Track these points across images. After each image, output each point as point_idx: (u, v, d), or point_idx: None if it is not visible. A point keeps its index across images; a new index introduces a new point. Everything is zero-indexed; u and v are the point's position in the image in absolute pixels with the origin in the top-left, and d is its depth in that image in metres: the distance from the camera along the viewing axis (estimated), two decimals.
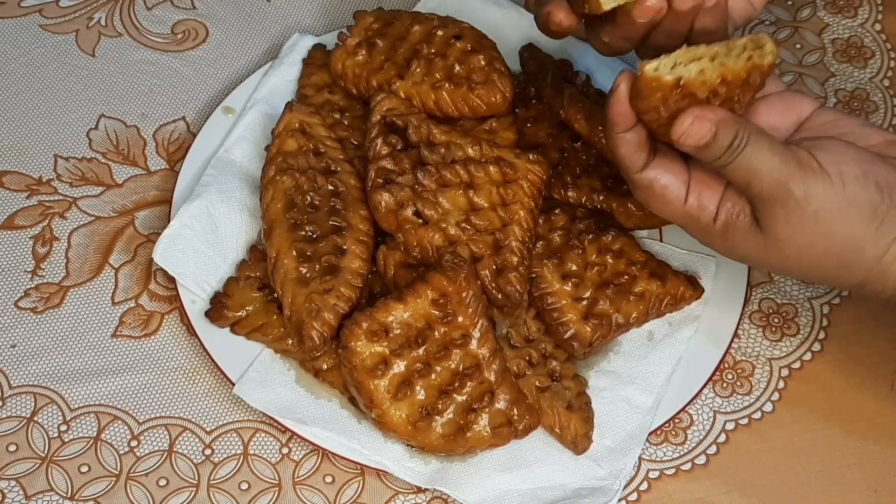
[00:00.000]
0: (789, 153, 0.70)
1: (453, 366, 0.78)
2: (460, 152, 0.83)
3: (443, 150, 0.83)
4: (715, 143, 0.70)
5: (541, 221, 0.84)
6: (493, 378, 0.78)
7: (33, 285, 0.87)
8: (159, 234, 0.85)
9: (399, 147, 0.84)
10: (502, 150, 0.84)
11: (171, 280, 0.85)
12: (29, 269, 0.87)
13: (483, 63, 0.88)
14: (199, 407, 0.82)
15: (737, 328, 0.84)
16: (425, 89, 0.87)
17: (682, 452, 0.82)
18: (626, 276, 0.83)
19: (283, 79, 0.93)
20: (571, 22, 0.74)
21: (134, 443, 0.81)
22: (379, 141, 0.84)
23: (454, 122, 0.88)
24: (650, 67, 0.68)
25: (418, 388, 0.77)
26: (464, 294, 0.78)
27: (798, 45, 1.00)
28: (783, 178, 0.69)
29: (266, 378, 0.81)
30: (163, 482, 0.80)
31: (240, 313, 0.82)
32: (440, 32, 0.89)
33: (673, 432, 0.83)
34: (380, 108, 0.86)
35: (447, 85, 0.87)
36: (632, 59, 0.83)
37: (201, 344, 0.82)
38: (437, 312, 0.78)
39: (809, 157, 0.70)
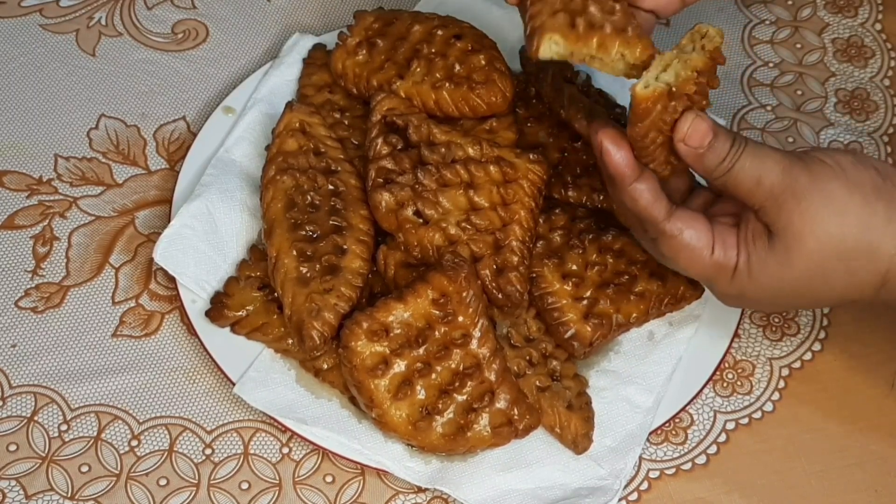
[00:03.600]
0: (788, 152, 0.73)
1: (453, 365, 0.78)
2: (460, 152, 0.83)
3: (443, 149, 0.83)
4: (717, 143, 0.71)
5: (541, 221, 0.84)
6: (493, 378, 0.78)
7: (33, 285, 0.87)
8: (159, 233, 0.85)
9: (399, 147, 0.84)
10: (502, 150, 0.84)
11: (172, 280, 0.84)
12: (29, 269, 0.87)
13: (483, 63, 0.88)
14: (199, 407, 0.82)
15: (737, 328, 0.84)
16: (426, 89, 0.87)
17: (682, 452, 0.82)
18: (627, 276, 0.83)
19: (283, 78, 0.93)
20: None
21: (134, 442, 0.81)
22: (379, 141, 0.84)
23: (454, 121, 0.88)
24: (641, 86, 0.70)
25: (418, 387, 0.77)
26: (464, 294, 0.78)
27: (798, 45, 1.00)
28: (789, 167, 0.71)
29: (266, 378, 0.81)
30: (163, 482, 0.80)
31: (240, 313, 0.82)
32: (440, 32, 0.89)
33: (673, 432, 0.83)
34: (380, 108, 0.86)
35: (447, 84, 0.87)
36: None
37: (202, 344, 0.82)
38: (437, 312, 0.78)
39: (807, 154, 0.73)
